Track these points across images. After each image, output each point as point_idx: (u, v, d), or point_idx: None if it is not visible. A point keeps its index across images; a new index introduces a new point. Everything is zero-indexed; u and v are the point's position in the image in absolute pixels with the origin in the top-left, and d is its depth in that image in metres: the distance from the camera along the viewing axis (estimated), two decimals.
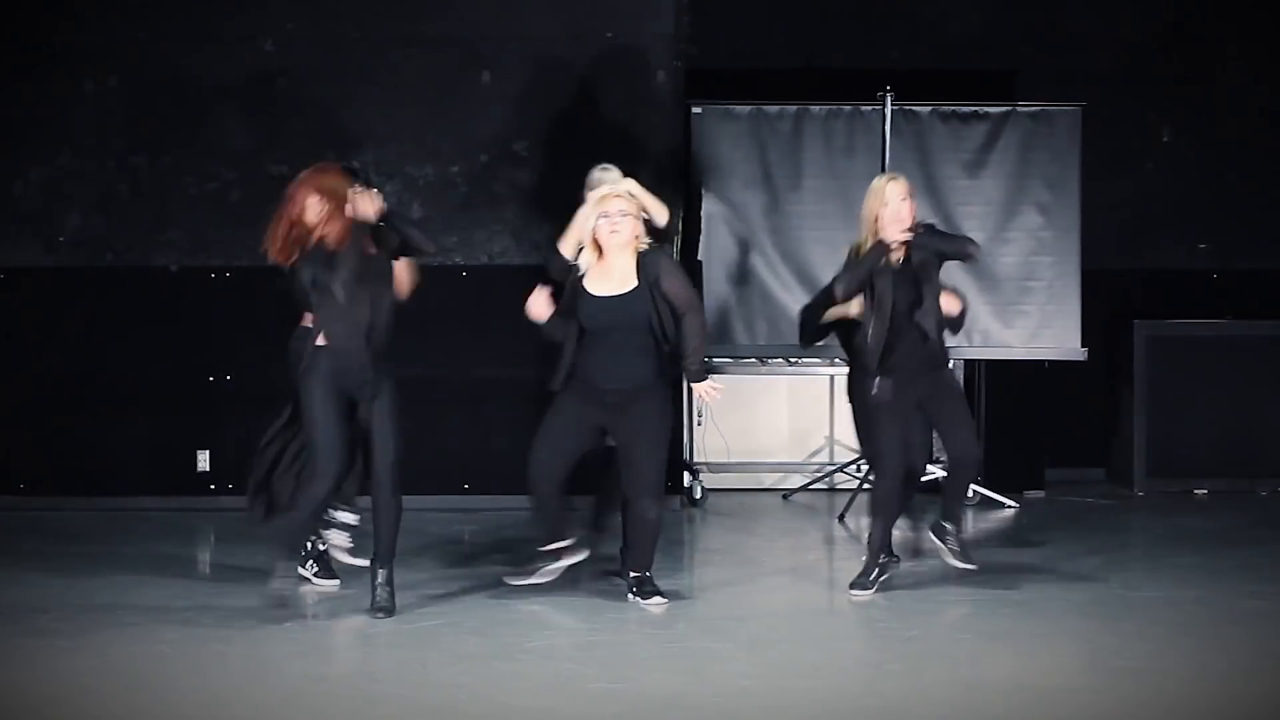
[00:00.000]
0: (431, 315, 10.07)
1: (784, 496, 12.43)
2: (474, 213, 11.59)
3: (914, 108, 11.99)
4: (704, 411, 12.32)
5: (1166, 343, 12.36)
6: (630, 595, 9.02)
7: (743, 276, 11.94)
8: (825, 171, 12.00)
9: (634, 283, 8.89)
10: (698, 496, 12.14)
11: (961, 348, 11.48)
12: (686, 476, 12.12)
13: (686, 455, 12.24)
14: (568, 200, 11.52)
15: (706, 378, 9.03)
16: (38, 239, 11.57)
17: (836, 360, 12.14)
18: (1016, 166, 12.03)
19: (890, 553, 9.30)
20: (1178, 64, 12.87)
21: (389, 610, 8.65)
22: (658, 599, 8.96)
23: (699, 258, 11.85)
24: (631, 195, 9.03)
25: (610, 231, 8.88)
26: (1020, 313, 11.86)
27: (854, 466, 12.28)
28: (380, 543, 8.75)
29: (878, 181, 9.20)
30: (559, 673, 7.69)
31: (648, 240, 8.98)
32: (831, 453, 12.70)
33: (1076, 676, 7.85)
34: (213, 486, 11.62)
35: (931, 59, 12.81)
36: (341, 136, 11.53)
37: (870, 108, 11.94)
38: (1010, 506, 11.82)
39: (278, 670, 7.77)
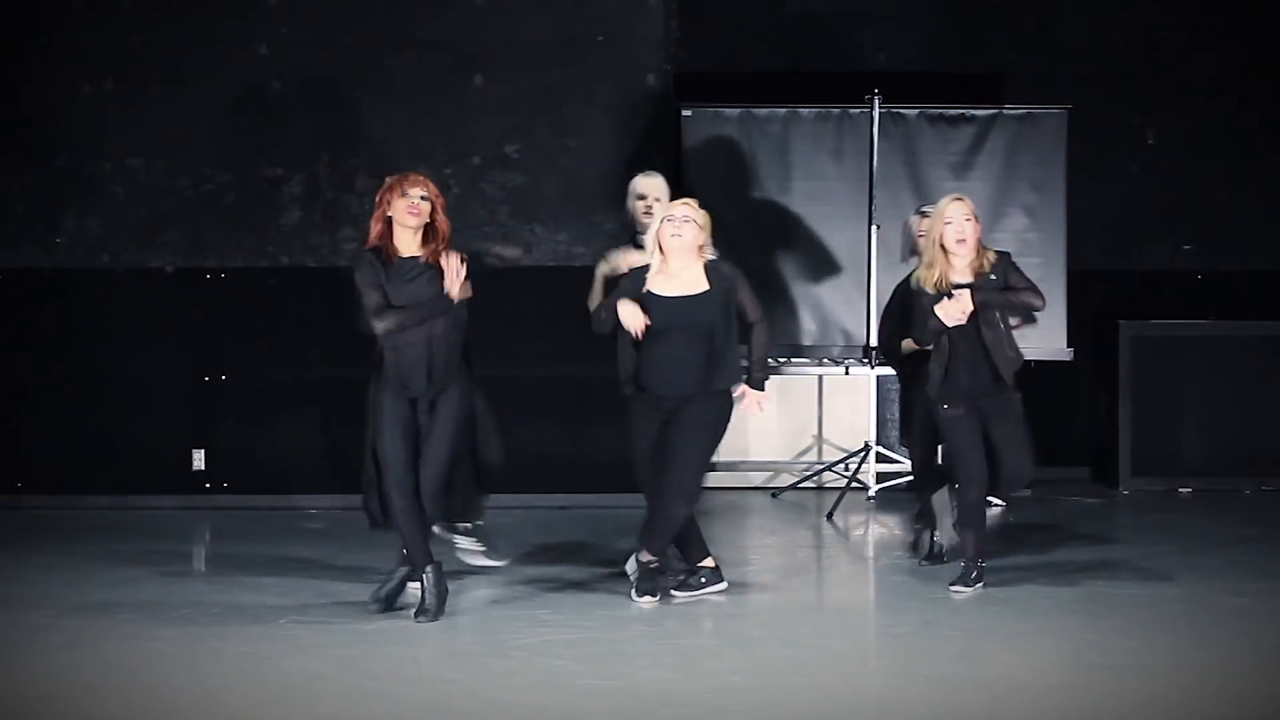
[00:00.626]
0: None
1: (773, 495, 12.48)
2: (466, 215, 11.62)
3: (901, 110, 12.06)
4: None
5: (1151, 343, 12.42)
6: (627, 570, 9.15)
7: None
8: (814, 174, 12.07)
9: (704, 286, 9.03)
10: None
11: None
12: None
13: None
14: (560, 202, 11.64)
15: (765, 387, 9.18)
16: (34, 240, 11.60)
17: (825, 361, 12.22)
18: (1003, 169, 12.10)
19: (982, 555, 9.29)
20: (1162, 67, 12.93)
21: (434, 613, 8.62)
22: (648, 597, 9.02)
23: None
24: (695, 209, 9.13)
25: (672, 235, 9.02)
26: None
27: (843, 465, 12.35)
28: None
29: (942, 202, 9.28)
30: (550, 669, 7.73)
31: (714, 251, 9.15)
32: (820, 451, 12.73)
33: (1063, 673, 7.89)
34: (208, 485, 11.66)
35: (919, 62, 12.86)
36: (335, 139, 11.58)
37: (858, 110, 12.01)
38: (997, 505, 11.86)
39: (273, 667, 7.81)
